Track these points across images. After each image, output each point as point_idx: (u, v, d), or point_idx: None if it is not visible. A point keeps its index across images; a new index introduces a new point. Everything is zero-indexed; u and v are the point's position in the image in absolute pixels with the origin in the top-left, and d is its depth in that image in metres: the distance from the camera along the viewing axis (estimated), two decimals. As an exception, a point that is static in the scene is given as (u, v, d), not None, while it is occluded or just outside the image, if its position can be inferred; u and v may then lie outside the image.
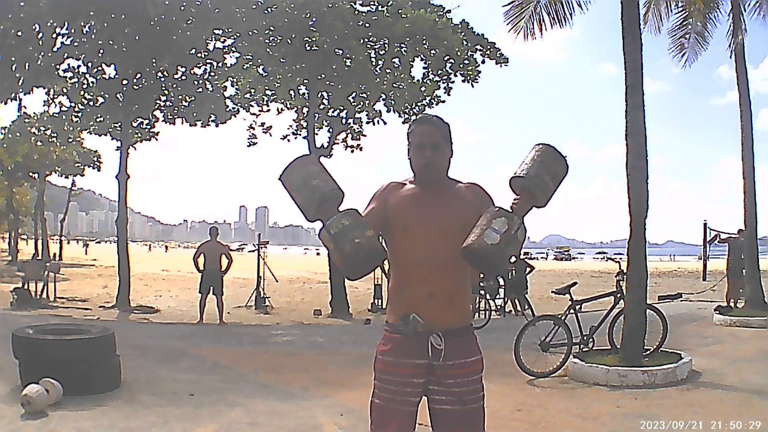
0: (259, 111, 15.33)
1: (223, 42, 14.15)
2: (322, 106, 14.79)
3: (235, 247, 55.57)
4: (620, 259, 8.66)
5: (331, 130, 15.01)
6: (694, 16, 12.71)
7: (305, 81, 14.30)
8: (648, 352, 6.66)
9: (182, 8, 13.10)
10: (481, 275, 13.16)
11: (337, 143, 15.19)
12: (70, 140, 26.90)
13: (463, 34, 14.05)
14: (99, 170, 32.33)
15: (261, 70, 14.50)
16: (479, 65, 14.40)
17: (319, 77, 14.09)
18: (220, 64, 14.32)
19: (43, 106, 15.24)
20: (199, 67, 14.37)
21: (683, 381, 6.18)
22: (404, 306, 2.45)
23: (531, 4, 10.52)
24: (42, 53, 12.66)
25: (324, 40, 13.22)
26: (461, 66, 14.29)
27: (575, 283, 7.86)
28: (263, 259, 14.69)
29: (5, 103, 13.48)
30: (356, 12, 13.64)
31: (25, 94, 13.49)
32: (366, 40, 13.73)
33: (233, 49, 14.22)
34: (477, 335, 2.58)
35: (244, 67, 14.38)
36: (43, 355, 5.38)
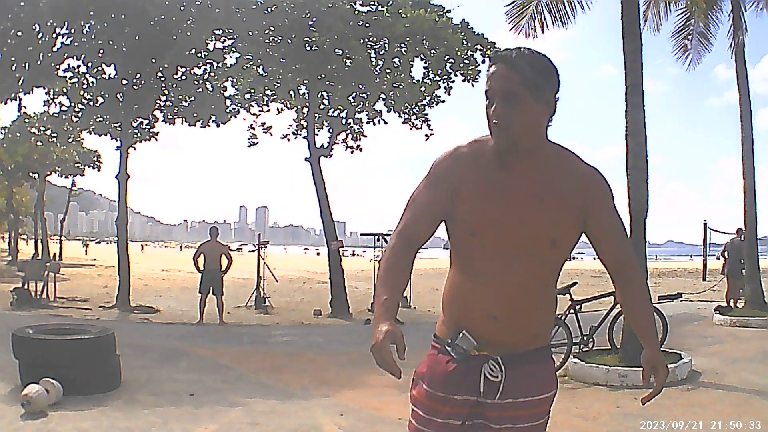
0: (259, 111, 15.33)
1: (223, 42, 14.15)
2: (322, 106, 14.80)
3: (234, 247, 55.50)
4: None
5: (331, 130, 15.01)
6: (696, 17, 12.72)
7: (305, 81, 14.31)
8: (648, 352, 6.66)
9: (182, 8, 13.09)
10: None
11: (337, 143, 15.20)
12: (70, 140, 26.85)
13: (463, 34, 14.05)
14: (99, 170, 32.29)
15: (261, 70, 14.50)
16: (479, 65, 14.41)
17: (319, 77, 14.09)
18: (220, 64, 14.32)
19: (43, 106, 15.20)
20: (199, 67, 14.36)
21: (683, 381, 6.19)
22: (457, 320, 1.85)
23: (532, 3, 10.54)
24: (42, 53, 12.65)
25: (324, 40, 13.22)
26: (461, 66, 14.29)
27: (575, 283, 7.86)
28: (263, 259, 14.69)
29: (5, 103, 13.48)
30: (356, 12, 13.64)
31: (25, 94, 13.48)
32: (366, 40, 13.73)
33: (233, 49, 14.22)
34: None
35: (244, 67, 14.38)
36: (43, 355, 5.37)
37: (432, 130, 15.20)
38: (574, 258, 79.63)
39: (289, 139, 15.63)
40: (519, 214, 1.76)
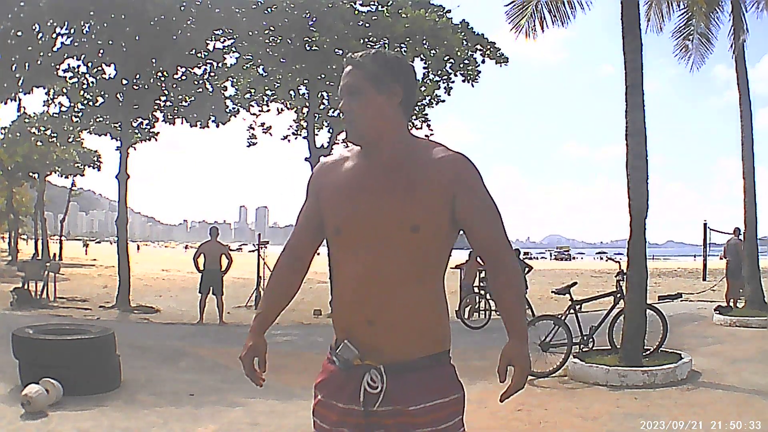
0: (259, 111, 15.35)
1: (223, 42, 14.17)
2: (322, 106, 14.80)
3: (234, 247, 55.48)
4: (620, 259, 8.66)
5: (331, 130, 15.02)
6: (696, 17, 12.69)
7: (305, 81, 14.31)
8: (648, 352, 6.66)
9: (182, 8, 13.10)
10: (480, 274, 13.18)
11: (337, 143, 15.20)
12: (70, 140, 26.87)
13: (463, 34, 14.06)
14: (99, 170, 32.37)
15: (261, 70, 14.51)
16: (479, 65, 14.42)
17: (319, 77, 14.10)
18: (220, 64, 14.33)
19: (43, 106, 15.24)
20: (199, 67, 14.38)
21: (683, 381, 6.18)
22: (341, 328, 1.83)
23: (532, 3, 10.53)
24: (42, 53, 12.66)
25: (324, 40, 13.22)
26: (461, 66, 14.30)
27: (575, 283, 7.86)
28: (263, 259, 14.69)
29: (5, 103, 13.49)
30: (356, 12, 13.65)
31: (25, 94, 13.48)
32: (366, 40, 13.73)
33: (233, 49, 14.23)
34: (476, 336, 2.03)
35: (244, 67, 14.38)
36: (43, 355, 5.37)
37: (432, 130, 15.23)
38: (574, 258, 79.89)
39: (289, 140, 15.65)
40: (377, 203, 1.74)
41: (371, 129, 1.78)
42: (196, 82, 14.40)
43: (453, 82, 14.63)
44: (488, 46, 14.33)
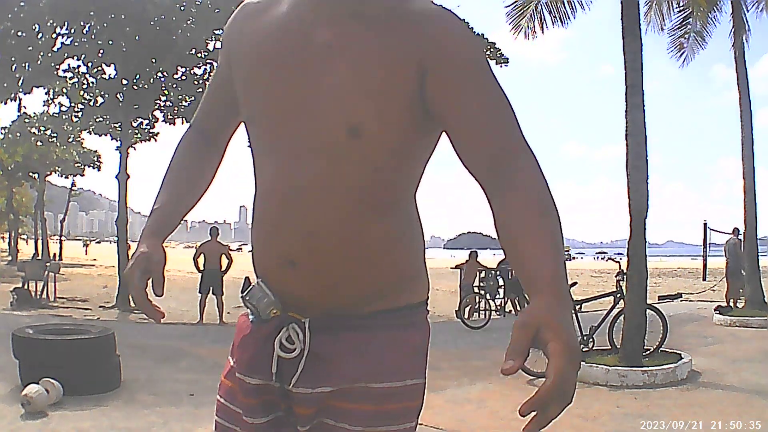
0: (259, 111, 15.37)
1: (223, 42, 14.18)
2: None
3: (234, 247, 55.44)
4: (620, 259, 8.66)
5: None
6: (694, 16, 12.72)
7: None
8: (648, 352, 6.66)
9: (182, 8, 13.11)
10: (480, 274, 13.18)
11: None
12: (70, 140, 26.90)
13: (463, 34, 14.07)
14: (99, 170, 32.33)
15: (261, 70, 14.54)
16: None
17: (319, 77, 14.12)
18: (220, 64, 14.34)
19: (43, 106, 15.26)
20: (199, 67, 14.39)
21: (683, 381, 6.18)
22: (256, 264, 1.22)
23: (532, 3, 10.56)
24: (42, 53, 12.67)
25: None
26: (461, 66, 14.32)
27: (575, 283, 7.85)
28: (263, 259, 14.69)
29: (5, 103, 13.51)
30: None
31: (25, 94, 13.51)
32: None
33: (233, 49, 14.25)
34: (476, 336, 1.61)
35: (244, 67, 14.40)
36: (43, 355, 5.37)
37: (432, 130, 15.22)
38: (574, 258, 79.83)
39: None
40: (303, 84, 1.07)
41: None
42: (196, 82, 14.40)
43: (453, 82, 14.64)
44: (488, 47, 14.32)
